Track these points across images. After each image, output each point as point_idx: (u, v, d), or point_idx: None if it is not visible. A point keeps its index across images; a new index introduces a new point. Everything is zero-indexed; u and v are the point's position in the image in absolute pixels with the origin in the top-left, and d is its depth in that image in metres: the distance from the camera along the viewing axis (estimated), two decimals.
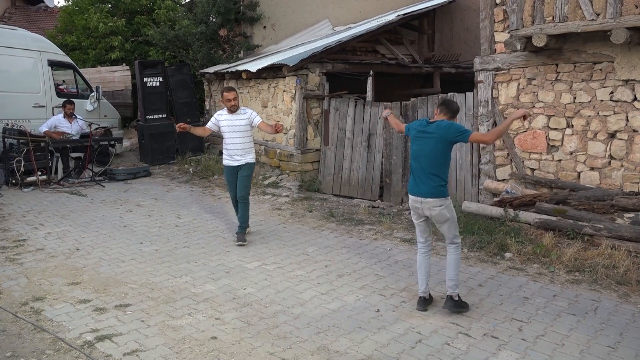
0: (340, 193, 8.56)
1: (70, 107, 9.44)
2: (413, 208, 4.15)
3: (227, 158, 5.91)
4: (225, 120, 5.86)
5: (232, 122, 5.82)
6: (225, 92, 5.84)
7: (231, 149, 5.85)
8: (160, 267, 5.07)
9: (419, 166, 4.07)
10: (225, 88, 5.92)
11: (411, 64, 10.50)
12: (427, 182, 4.02)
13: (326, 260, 5.29)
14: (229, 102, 5.79)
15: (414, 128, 4.19)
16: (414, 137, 4.14)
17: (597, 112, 5.68)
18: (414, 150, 4.14)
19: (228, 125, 5.84)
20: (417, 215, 4.17)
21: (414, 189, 4.11)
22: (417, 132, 4.12)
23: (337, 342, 3.61)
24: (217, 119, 5.91)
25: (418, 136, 4.11)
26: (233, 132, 5.83)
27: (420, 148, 4.09)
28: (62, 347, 3.52)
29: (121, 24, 14.40)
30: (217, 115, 5.97)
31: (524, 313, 4.07)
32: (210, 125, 5.97)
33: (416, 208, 4.11)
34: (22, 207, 7.39)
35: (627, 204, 5.26)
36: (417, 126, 4.18)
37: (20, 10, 20.65)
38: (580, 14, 5.37)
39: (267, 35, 12.79)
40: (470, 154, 6.93)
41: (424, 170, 4.04)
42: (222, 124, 5.87)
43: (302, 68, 8.80)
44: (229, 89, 5.87)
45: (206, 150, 11.73)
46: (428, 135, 4.05)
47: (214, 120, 5.93)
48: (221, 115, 5.91)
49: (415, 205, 4.11)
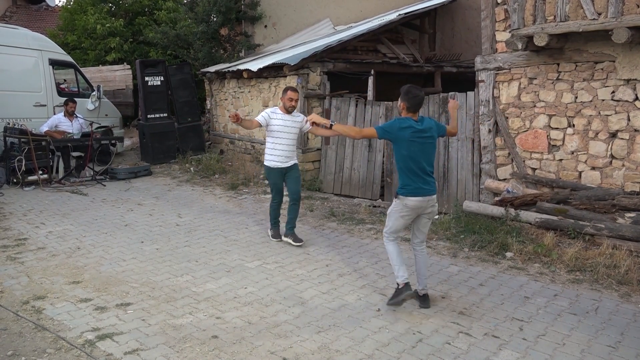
0: (341, 192, 8.56)
1: (72, 106, 9.45)
2: (415, 209, 4.05)
3: (276, 160, 5.61)
4: (279, 120, 5.55)
5: (286, 123, 5.55)
6: (290, 91, 5.53)
7: (281, 150, 5.57)
8: (161, 266, 5.07)
9: (420, 167, 4.03)
10: (290, 87, 5.63)
11: (412, 64, 10.50)
12: (430, 180, 4.07)
13: (327, 260, 5.29)
14: (291, 101, 5.53)
15: (403, 128, 4.02)
16: (411, 139, 4.00)
17: (598, 112, 5.68)
18: (413, 151, 4.01)
19: (281, 125, 5.55)
20: (413, 215, 4.11)
21: (421, 190, 4.02)
22: (413, 133, 4.01)
23: (338, 341, 3.61)
24: (271, 116, 5.56)
25: (415, 138, 4.01)
26: (286, 133, 5.56)
27: (421, 149, 4.03)
28: (63, 346, 3.52)
29: (119, 25, 14.37)
30: (270, 112, 5.61)
31: (524, 312, 4.07)
32: (261, 120, 5.55)
33: (420, 208, 4.06)
34: (23, 206, 7.40)
35: (628, 204, 5.25)
36: (405, 126, 4.02)
37: (22, 9, 20.67)
38: (582, 13, 5.36)
39: (268, 35, 12.79)
40: (471, 154, 6.93)
41: (426, 170, 4.05)
42: (274, 122, 5.54)
43: (303, 67, 8.81)
44: (294, 89, 5.59)
45: (207, 150, 11.74)
46: (425, 134, 4.05)
47: (265, 116, 5.56)
48: (275, 114, 5.59)
49: (420, 205, 4.03)
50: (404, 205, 4.05)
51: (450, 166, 7.10)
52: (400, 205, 4.07)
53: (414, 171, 4.02)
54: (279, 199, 5.86)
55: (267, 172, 5.79)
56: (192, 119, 11.54)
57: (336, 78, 9.39)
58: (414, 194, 4.01)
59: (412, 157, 4.02)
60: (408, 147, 4.01)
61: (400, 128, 4.02)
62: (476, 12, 10.42)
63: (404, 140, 4.01)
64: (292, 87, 5.66)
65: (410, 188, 4.02)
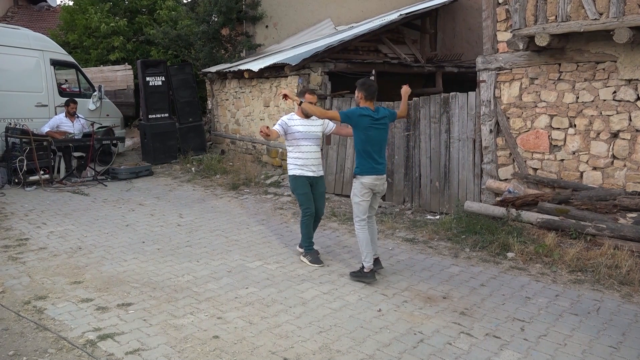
0: (342, 192, 8.55)
1: (73, 106, 9.46)
2: (372, 186, 4.68)
3: (304, 168, 5.17)
4: (300, 126, 5.16)
5: (308, 128, 5.18)
6: (308, 94, 5.17)
7: (308, 158, 5.16)
8: (163, 266, 5.08)
9: (376, 149, 4.67)
10: (309, 90, 5.34)
11: (413, 64, 10.49)
12: (384, 162, 4.76)
13: (328, 260, 5.29)
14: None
15: (362, 116, 4.61)
16: (369, 125, 4.62)
17: (599, 112, 5.67)
18: (371, 136, 4.63)
19: (304, 131, 5.16)
20: (371, 193, 4.73)
21: (376, 170, 4.67)
22: (370, 121, 4.63)
23: (339, 341, 3.61)
24: (288, 123, 5.16)
25: (373, 125, 4.64)
26: (311, 139, 5.18)
27: (378, 134, 4.68)
28: (65, 346, 3.52)
29: (123, 24, 14.41)
30: (287, 119, 5.21)
31: (526, 313, 4.07)
32: (278, 129, 5.14)
33: (376, 185, 4.70)
34: (24, 206, 7.41)
35: (630, 204, 5.24)
36: (364, 114, 4.62)
37: (23, 9, 20.71)
38: (583, 13, 5.36)
39: (269, 35, 12.79)
40: (472, 154, 6.92)
41: (381, 152, 4.72)
42: (296, 129, 5.15)
43: (304, 67, 8.81)
44: (312, 91, 5.29)
45: (208, 150, 11.75)
46: (381, 122, 4.70)
47: (282, 124, 5.17)
48: (293, 120, 5.19)
49: (376, 183, 4.69)
50: (361, 184, 4.67)
51: (452, 166, 7.09)
52: (359, 184, 4.69)
53: (373, 153, 4.64)
54: (312, 210, 5.18)
55: (294, 183, 5.24)
56: (193, 119, 11.55)
57: (337, 78, 9.38)
58: (368, 173, 4.65)
59: (370, 140, 4.64)
60: (366, 132, 4.63)
61: (360, 115, 4.64)
62: (477, 12, 10.42)
63: (363, 127, 4.63)
64: (310, 89, 5.43)
65: (365, 168, 4.66)
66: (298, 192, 5.25)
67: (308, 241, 5.24)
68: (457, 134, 7.05)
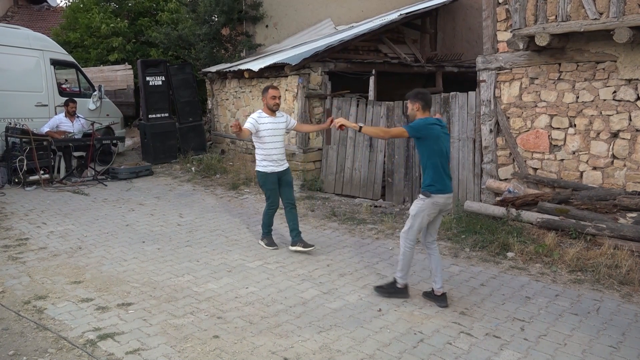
0: (342, 192, 8.56)
1: (73, 106, 9.45)
2: (441, 205, 4.13)
3: (271, 164, 5.43)
4: (269, 123, 5.37)
5: (275, 125, 5.41)
6: (271, 90, 5.35)
7: (275, 154, 5.42)
8: (163, 266, 5.08)
9: (445, 161, 4.17)
10: (270, 86, 5.45)
11: (413, 63, 10.49)
12: (449, 177, 4.22)
13: (328, 260, 5.29)
14: (274, 99, 5.35)
15: (432, 124, 4.11)
16: (440, 135, 4.13)
17: (599, 112, 5.67)
18: (442, 146, 4.13)
19: (272, 128, 5.38)
20: (436, 213, 4.20)
21: (447, 187, 4.13)
22: (441, 130, 4.15)
23: (339, 341, 3.61)
24: (258, 121, 5.34)
25: (442, 135, 4.15)
26: (276, 136, 5.42)
27: (446, 146, 4.19)
28: (65, 345, 3.52)
29: (124, 26, 14.42)
30: (256, 117, 5.37)
31: (526, 313, 4.07)
32: (249, 127, 5.30)
33: (445, 205, 4.17)
34: (24, 205, 7.41)
35: (630, 204, 5.24)
36: (433, 123, 4.14)
37: (23, 9, 20.70)
38: (583, 13, 5.36)
39: (269, 35, 12.79)
40: (472, 154, 6.93)
41: (446, 167, 4.18)
42: (264, 127, 5.35)
43: (304, 67, 8.81)
44: (274, 87, 5.42)
45: (208, 149, 11.74)
46: (446, 133, 4.21)
47: (253, 122, 5.32)
48: (263, 118, 5.38)
49: (446, 202, 4.15)
50: (433, 204, 4.10)
51: (452, 166, 7.09)
52: (430, 204, 4.10)
53: (442, 168, 4.12)
54: (276, 205, 5.63)
55: (263, 179, 5.51)
56: (194, 119, 11.55)
57: (337, 78, 9.39)
58: (443, 191, 4.11)
59: (441, 153, 4.12)
60: (438, 142, 4.11)
61: (430, 124, 4.11)
62: (477, 12, 10.42)
63: (435, 137, 4.10)
64: (272, 86, 5.52)
65: (440, 185, 4.10)
66: (267, 188, 5.57)
67: (267, 228, 5.76)
68: (457, 134, 7.05)
